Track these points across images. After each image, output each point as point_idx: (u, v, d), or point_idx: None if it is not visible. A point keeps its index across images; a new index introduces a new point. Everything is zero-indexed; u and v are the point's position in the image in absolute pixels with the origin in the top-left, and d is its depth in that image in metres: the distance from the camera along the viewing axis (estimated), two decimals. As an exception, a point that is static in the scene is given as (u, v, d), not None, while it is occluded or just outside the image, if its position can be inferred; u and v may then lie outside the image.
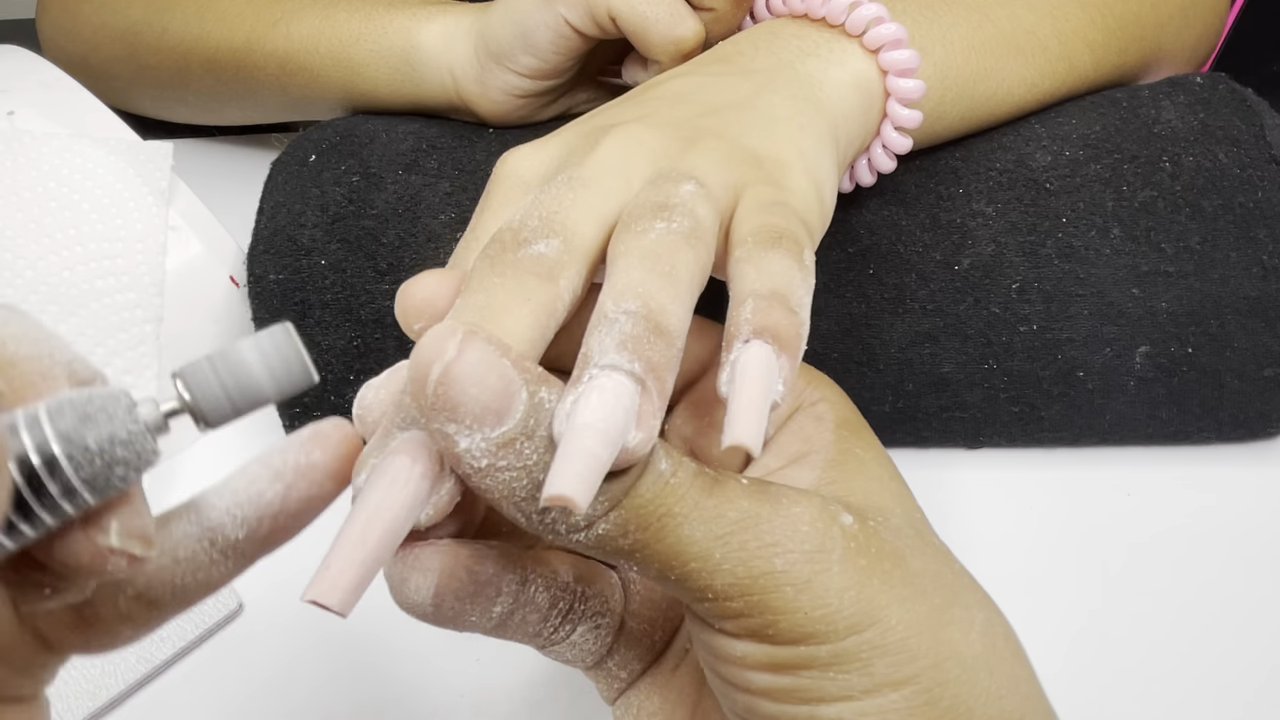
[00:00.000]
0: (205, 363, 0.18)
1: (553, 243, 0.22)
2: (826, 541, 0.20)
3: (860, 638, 0.19)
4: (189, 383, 0.17)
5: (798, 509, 0.20)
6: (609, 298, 0.20)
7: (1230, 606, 0.35)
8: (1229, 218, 0.36)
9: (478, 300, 0.21)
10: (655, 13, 0.36)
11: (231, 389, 0.18)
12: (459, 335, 0.18)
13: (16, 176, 0.38)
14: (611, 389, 0.18)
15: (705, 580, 0.20)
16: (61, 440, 0.16)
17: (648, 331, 0.20)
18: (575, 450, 0.18)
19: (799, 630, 0.19)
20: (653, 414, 0.19)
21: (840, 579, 0.19)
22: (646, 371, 0.19)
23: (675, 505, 0.19)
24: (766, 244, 0.23)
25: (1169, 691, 0.33)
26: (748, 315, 0.21)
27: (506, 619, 0.22)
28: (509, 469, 0.19)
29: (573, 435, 0.18)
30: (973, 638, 0.21)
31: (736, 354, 0.20)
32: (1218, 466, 0.40)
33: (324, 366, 0.39)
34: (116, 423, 0.17)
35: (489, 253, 0.22)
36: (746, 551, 0.19)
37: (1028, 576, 0.37)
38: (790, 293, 0.22)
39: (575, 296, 0.22)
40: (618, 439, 0.18)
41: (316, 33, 0.45)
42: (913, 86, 0.32)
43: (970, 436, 0.40)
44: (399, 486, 0.19)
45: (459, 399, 0.18)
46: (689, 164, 0.25)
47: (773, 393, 0.20)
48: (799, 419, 0.24)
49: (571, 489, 0.17)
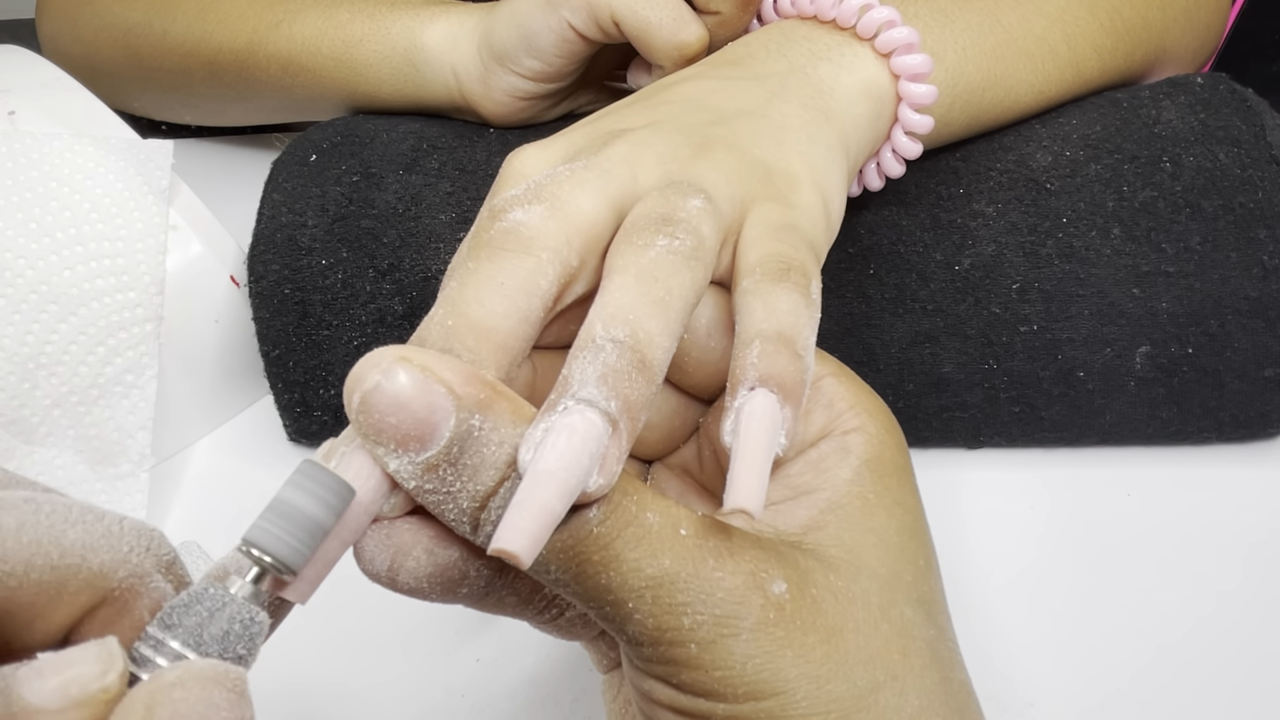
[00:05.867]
0: (264, 524, 0.18)
1: (535, 209, 0.21)
2: (741, 609, 0.20)
3: (758, 705, 0.19)
4: (264, 548, 0.18)
5: (720, 573, 0.20)
6: (599, 319, 0.20)
7: (1230, 606, 0.35)
8: (1229, 218, 0.36)
9: (450, 290, 0.21)
10: (659, 17, 0.35)
11: (298, 534, 0.18)
12: (384, 364, 0.19)
13: (17, 176, 0.38)
14: (581, 431, 0.18)
15: (620, 624, 0.20)
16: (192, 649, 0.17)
17: (631, 366, 0.20)
18: (530, 502, 0.18)
19: (699, 686, 0.20)
20: (617, 458, 0.19)
21: (747, 646, 0.19)
22: (621, 411, 0.19)
23: (596, 554, 0.19)
24: (774, 277, 0.22)
25: (1169, 691, 0.33)
26: (754, 360, 0.21)
27: (479, 599, 0.22)
28: (435, 492, 0.19)
29: (531, 483, 0.18)
30: None
31: (742, 402, 0.20)
32: (1218, 466, 0.40)
33: (324, 366, 0.39)
34: (227, 612, 0.18)
35: (473, 229, 0.22)
36: (659, 606, 0.19)
37: (1028, 577, 0.37)
38: (796, 334, 0.22)
39: (568, 268, 0.22)
40: (577, 487, 0.18)
41: (319, 34, 0.45)
42: (925, 91, 0.31)
43: (970, 436, 0.40)
44: (363, 478, 0.19)
45: (379, 425, 0.19)
46: (698, 174, 0.24)
47: (775, 446, 0.20)
48: (823, 448, 0.23)
49: (518, 545, 0.18)
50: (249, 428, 0.44)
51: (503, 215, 0.21)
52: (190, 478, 0.42)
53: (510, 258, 0.21)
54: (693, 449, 0.27)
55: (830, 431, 0.23)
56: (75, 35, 0.54)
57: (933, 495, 0.39)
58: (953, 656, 0.22)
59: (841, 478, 0.22)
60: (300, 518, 0.18)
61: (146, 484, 0.40)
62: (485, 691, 0.34)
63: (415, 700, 0.34)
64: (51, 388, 0.38)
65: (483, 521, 0.19)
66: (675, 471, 0.27)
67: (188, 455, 0.43)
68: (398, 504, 0.20)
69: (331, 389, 0.39)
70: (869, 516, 0.22)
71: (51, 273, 0.37)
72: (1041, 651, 0.34)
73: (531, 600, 0.23)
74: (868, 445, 0.23)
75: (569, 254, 0.22)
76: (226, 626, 0.18)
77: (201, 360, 0.42)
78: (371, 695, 0.34)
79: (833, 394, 0.24)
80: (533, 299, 0.21)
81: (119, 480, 0.39)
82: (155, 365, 0.40)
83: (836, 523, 0.22)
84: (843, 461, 0.23)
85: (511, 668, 0.35)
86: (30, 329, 0.37)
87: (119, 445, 0.39)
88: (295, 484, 0.19)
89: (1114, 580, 0.36)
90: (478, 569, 0.21)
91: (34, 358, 0.37)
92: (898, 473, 0.23)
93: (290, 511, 0.18)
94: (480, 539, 0.20)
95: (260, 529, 0.18)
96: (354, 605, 0.37)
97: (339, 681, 0.35)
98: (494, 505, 0.19)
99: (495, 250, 0.21)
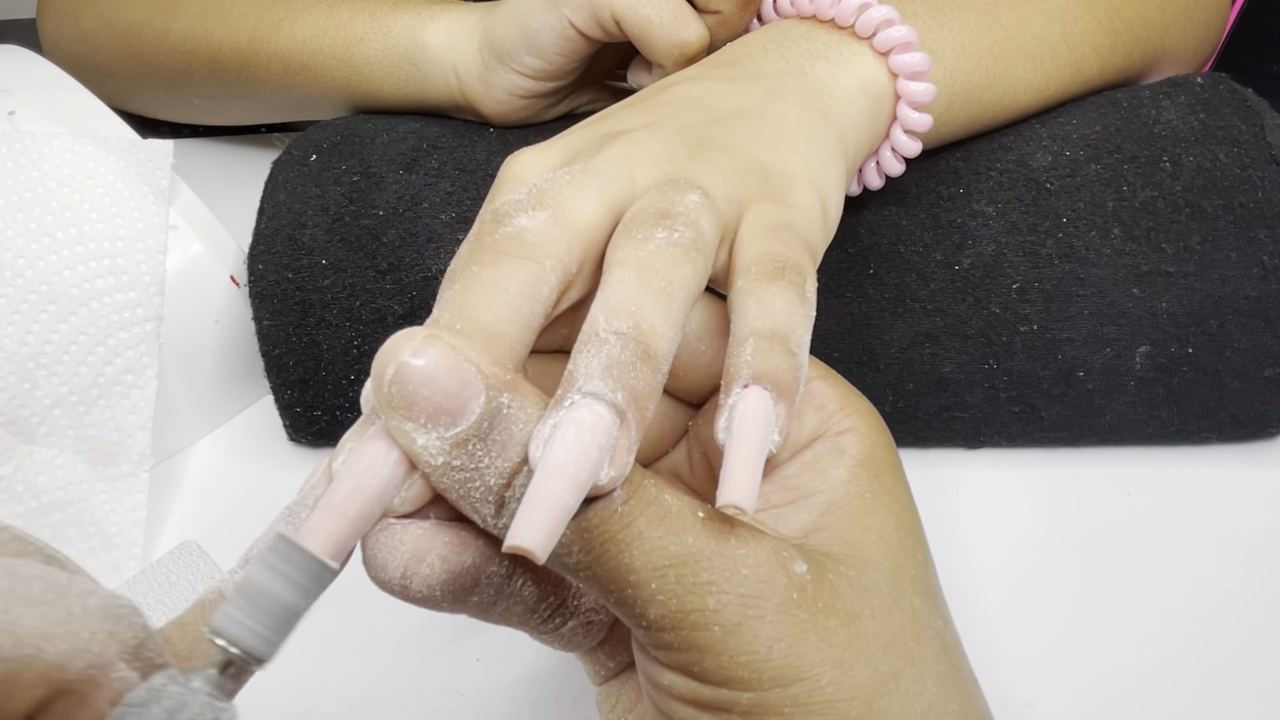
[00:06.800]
0: (231, 609, 0.17)
1: (538, 215, 0.22)
2: (766, 588, 0.19)
3: (784, 691, 0.19)
4: (229, 637, 0.17)
5: (743, 550, 0.20)
6: (601, 312, 0.20)
7: (1230, 606, 0.35)
8: (1229, 218, 0.36)
9: (455, 293, 0.21)
10: (659, 16, 0.35)
11: (266, 621, 0.17)
12: (418, 338, 0.19)
13: (17, 176, 0.38)
14: (589, 424, 0.19)
15: (641, 608, 0.20)
16: None
17: (635, 357, 0.20)
18: (543, 498, 0.18)
19: (722, 673, 0.19)
20: (628, 448, 0.19)
21: (773, 629, 0.19)
22: (629, 402, 0.19)
23: (620, 532, 0.19)
24: (769, 276, 0.22)
25: (1169, 691, 0.33)
26: (748, 358, 0.21)
27: (488, 608, 0.22)
28: (462, 469, 0.19)
29: (543, 479, 0.18)
30: (915, 711, 0.20)
31: (735, 399, 0.21)
32: (1218, 466, 0.40)
33: (324, 366, 0.39)
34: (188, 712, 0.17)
35: (474, 233, 0.22)
36: (682, 586, 0.19)
37: (1028, 577, 0.37)
38: (790, 332, 0.22)
39: (568, 274, 0.22)
40: (589, 480, 0.18)
41: (320, 32, 0.45)
42: (923, 90, 0.31)
43: (970, 436, 0.40)
44: (373, 471, 0.19)
45: (413, 397, 0.19)
46: (694, 173, 0.24)
47: (769, 443, 0.20)
48: (818, 449, 0.23)
49: (532, 541, 0.18)
50: (249, 428, 0.44)
51: (507, 220, 0.22)
52: (190, 478, 0.42)
53: (515, 263, 0.21)
54: (683, 453, 0.27)
55: (823, 433, 0.23)
56: (76, 34, 0.54)
57: (933, 495, 0.39)
58: (959, 647, 0.22)
59: (838, 478, 0.23)
60: (271, 605, 0.17)
61: (146, 484, 0.40)
62: (485, 691, 0.34)
63: (415, 700, 0.34)
64: (51, 388, 0.38)
65: (508, 499, 0.19)
66: (665, 476, 0.27)
67: (188, 455, 0.43)
68: (410, 497, 0.20)
69: (331, 389, 0.39)
70: (868, 515, 0.22)
71: (51, 273, 0.37)
72: (1042, 651, 0.34)
73: (537, 609, 0.23)
74: (861, 445, 0.23)
75: (570, 260, 0.22)
76: None
77: (201, 360, 0.42)
78: (371, 695, 0.34)
79: (823, 395, 0.24)
80: (535, 304, 0.21)
81: (119, 480, 0.39)
82: (155, 365, 0.40)
83: (837, 523, 0.22)
84: (838, 462, 0.23)
85: (511, 668, 0.35)
86: (30, 329, 0.37)
87: (119, 445, 0.39)
88: (268, 564, 0.18)
89: (1114, 580, 0.36)
90: (489, 575, 0.21)
91: (34, 358, 0.37)
92: (891, 471, 0.23)
93: (260, 597, 0.17)
94: (504, 521, 0.20)
95: (228, 616, 0.17)
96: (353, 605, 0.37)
97: (339, 681, 0.35)
98: (513, 491, 0.19)
99: (500, 255, 0.21)
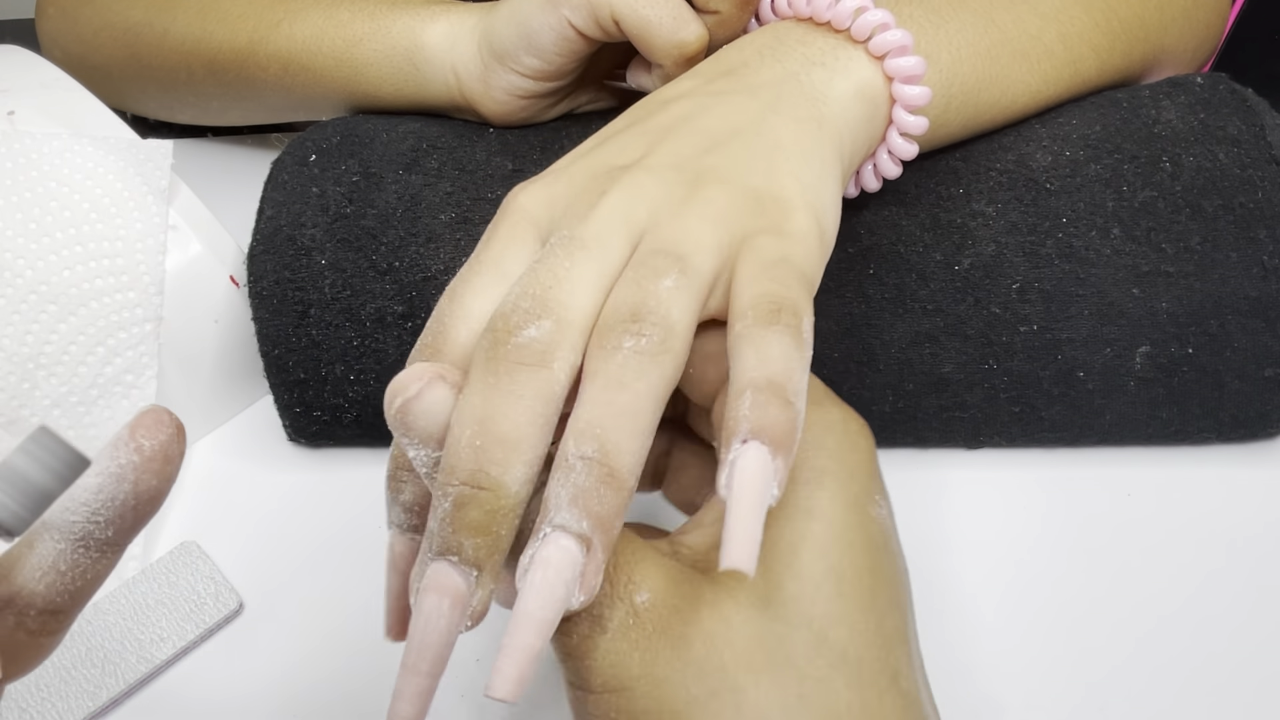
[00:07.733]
0: None
1: (544, 324, 0.23)
2: (606, 610, 0.23)
3: (612, 697, 0.23)
4: None
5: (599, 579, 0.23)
6: (571, 436, 0.22)
7: (1230, 606, 0.35)
8: (1229, 218, 0.36)
9: (474, 404, 0.23)
10: (659, 16, 0.36)
11: (20, 499, 0.20)
12: (425, 379, 0.23)
13: (17, 176, 0.38)
14: (555, 563, 0.21)
15: None
16: None
17: (599, 482, 0.22)
18: (515, 649, 0.21)
19: (575, 673, 0.23)
20: (595, 571, 0.22)
21: (608, 643, 0.23)
22: (594, 528, 0.21)
23: None
24: (766, 320, 0.23)
25: (1168, 691, 0.33)
26: (745, 412, 0.22)
27: None
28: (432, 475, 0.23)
29: (515, 627, 0.21)
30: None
31: (735, 455, 0.22)
32: (1218, 466, 0.40)
33: (324, 366, 0.39)
34: None
35: (484, 344, 0.24)
36: None
37: (1027, 577, 0.37)
38: (787, 380, 0.22)
39: (575, 367, 0.24)
40: (558, 614, 0.21)
41: (319, 33, 0.45)
42: (918, 93, 0.32)
43: (970, 436, 0.40)
44: (434, 622, 0.22)
45: (411, 424, 0.23)
46: (684, 229, 0.25)
47: (769, 499, 0.21)
48: None
49: (505, 692, 0.21)
50: (249, 428, 0.44)
51: (517, 332, 0.23)
52: (190, 478, 0.42)
53: (526, 371, 0.23)
54: None
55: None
56: (75, 35, 0.54)
57: (932, 495, 0.40)
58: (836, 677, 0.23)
59: None
60: (26, 484, 0.20)
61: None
62: (485, 691, 0.34)
63: (415, 700, 0.34)
64: (51, 388, 0.38)
65: None
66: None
67: (187, 455, 0.43)
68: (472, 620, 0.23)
69: (331, 389, 0.39)
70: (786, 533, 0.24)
71: (51, 273, 0.37)
72: (1042, 652, 0.34)
73: None
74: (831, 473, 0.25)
75: (575, 357, 0.24)
76: None
77: (201, 360, 0.42)
78: (372, 695, 0.34)
79: None
80: (549, 404, 0.23)
81: (119, 480, 0.39)
82: (155, 365, 0.40)
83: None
84: None
85: (511, 668, 0.35)
86: (30, 329, 0.37)
87: (119, 445, 0.39)
88: (27, 450, 0.20)
89: (1115, 580, 0.36)
90: None
91: (34, 358, 0.37)
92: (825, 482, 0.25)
93: (18, 478, 0.19)
94: None
95: None
96: (353, 605, 0.37)
97: (339, 681, 0.35)
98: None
99: (513, 365, 0.23)
